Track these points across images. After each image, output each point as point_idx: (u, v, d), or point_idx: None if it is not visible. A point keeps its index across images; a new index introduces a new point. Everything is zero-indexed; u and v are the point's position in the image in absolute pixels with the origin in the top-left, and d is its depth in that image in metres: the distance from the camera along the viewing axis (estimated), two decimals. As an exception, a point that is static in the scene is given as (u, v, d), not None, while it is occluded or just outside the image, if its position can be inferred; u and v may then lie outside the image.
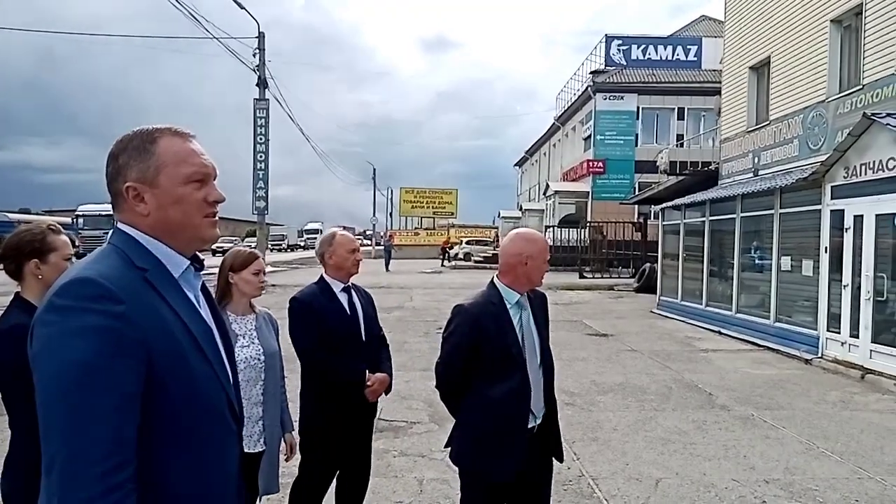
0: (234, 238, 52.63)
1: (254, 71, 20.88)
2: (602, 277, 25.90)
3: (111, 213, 1.51)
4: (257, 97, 21.02)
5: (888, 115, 8.59)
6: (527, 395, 2.69)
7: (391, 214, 62.90)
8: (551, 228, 32.44)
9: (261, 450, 2.94)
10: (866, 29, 10.59)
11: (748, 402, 7.27)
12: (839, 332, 9.47)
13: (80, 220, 34.10)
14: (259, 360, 2.93)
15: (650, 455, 5.45)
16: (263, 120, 20.98)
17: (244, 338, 2.93)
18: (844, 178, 9.50)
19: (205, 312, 1.51)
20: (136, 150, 1.43)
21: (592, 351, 10.34)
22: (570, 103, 38.05)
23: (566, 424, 6.25)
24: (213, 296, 1.64)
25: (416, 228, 57.92)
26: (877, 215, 8.80)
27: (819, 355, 9.75)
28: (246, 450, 2.85)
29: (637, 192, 28.11)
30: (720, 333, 12.63)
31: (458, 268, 35.31)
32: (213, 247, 42.93)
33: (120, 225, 1.44)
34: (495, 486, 2.73)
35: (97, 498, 1.20)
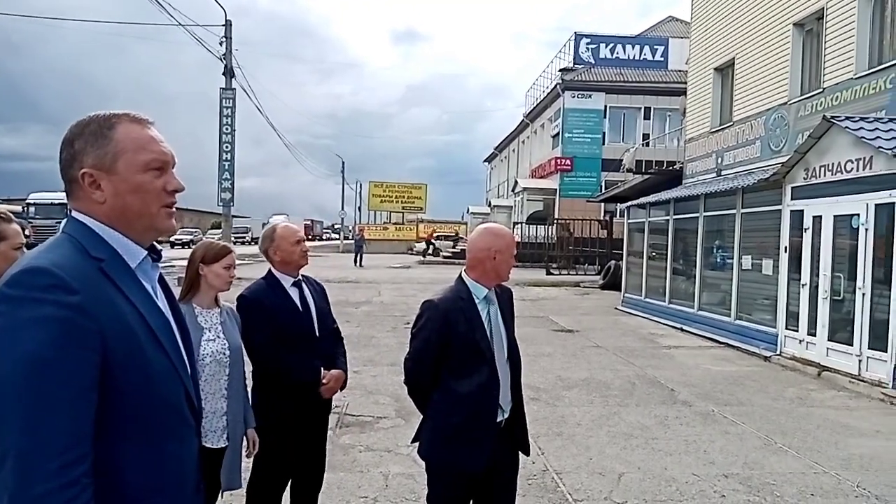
0: (194, 230, 51.18)
1: (220, 60, 20.54)
2: (569, 274, 26.15)
3: (64, 201, 1.47)
4: (223, 86, 20.69)
5: (847, 118, 8.81)
6: (495, 389, 2.70)
7: (360, 208, 62.65)
8: (519, 225, 32.64)
9: (223, 445, 2.89)
10: (827, 33, 10.85)
11: (709, 398, 7.41)
12: (797, 331, 9.70)
13: (32, 209, 32.71)
14: (224, 354, 2.89)
15: (613, 450, 5.52)
16: (230, 110, 20.65)
17: (210, 331, 2.88)
18: (804, 179, 9.72)
19: (162, 304, 1.48)
20: (93, 136, 1.39)
21: (558, 347, 10.43)
22: (539, 100, 38.26)
23: (531, 419, 6.27)
24: (172, 287, 1.60)
25: (384, 223, 57.74)
26: (835, 216, 9.03)
27: (778, 353, 9.98)
28: (209, 445, 2.81)
29: (603, 191, 28.46)
30: (682, 330, 12.85)
31: (425, 263, 35.30)
32: (172, 238, 41.80)
33: (74, 213, 1.40)
34: (463, 480, 2.74)
35: (54, 492, 1.17)
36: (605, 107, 32.99)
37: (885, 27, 9.97)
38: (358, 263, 31.31)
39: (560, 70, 34.80)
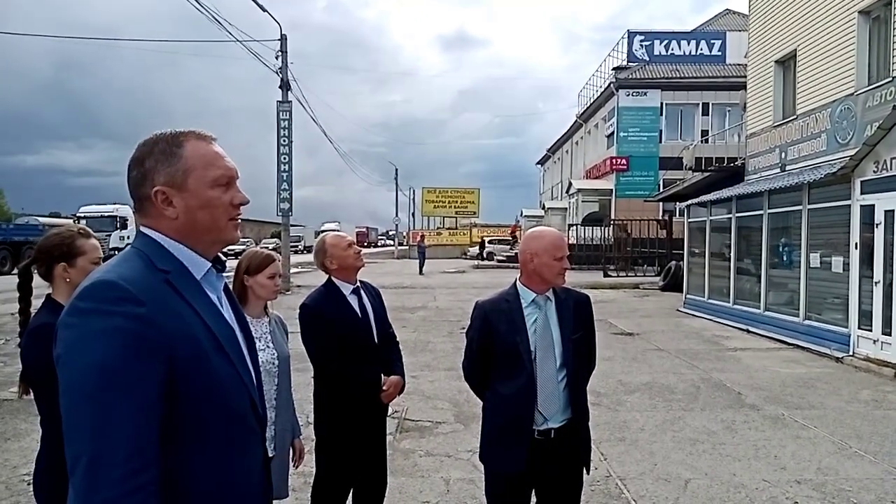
0: (247, 239, 51.50)
1: (276, 73, 21.02)
2: (627, 276, 25.71)
3: (113, 214, 1.52)
4: (280, 99, 21.17)
5: (920, 107, 8.41)
6: (532, 394, 2.67)
7: (413, 214, 63.12)
8: (574, 227, 32.27)
9: (270, 455, 2.89)
10: (895, 20, 10.38)
11: (778, 402, 7.16)
12: (871, 330, 9.29)
13: (82, 222, 34.20)
14: (273, 363, 2.91)
15: (679, 455, 5.39)
16: (286, 122, 21.10)
17: (260, 341, 2.90)
18: (874, 172, 9.32)
19: (227, 314, 1.52)
20: (164, 154, 1.43)
21: (618, 350, 10.26)
22: (592, 100, 37.81)
23: (592, 424, 6.19)
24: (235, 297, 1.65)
25: (438, 228, 57.99)
26: (909, 210, 8.62)
27: (850, 353, 9.57)
28: None
29: (662, 190, 27.82)
30: (748, 332, 12.45)
31: (480, 267, 35.28)
32: (228, 249, 42.23)
33: (142, 228, 1.45)
34: (507, 484, 2.74)
35: (119, 498, 1.21)
36: (662, 104, 32.34)
37: (960, 10, 9.47)
38: (420, 271, 30.00)
39: (614, 69, 34.32)
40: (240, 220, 1.54)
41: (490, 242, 43.47)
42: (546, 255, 2.71)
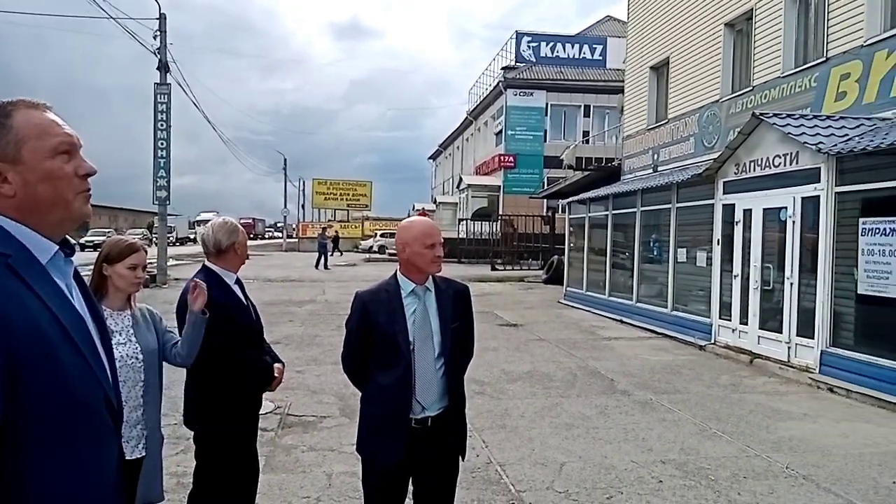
0: (107, 230, 46.94)
1: (154, 54, 19.90)
2: (513, 269, 26.45)
3: None
4: (158, 81, 20.04)
5: (775, 115, 9.16)
6: (409, 383, 2.69)
7: (303, 206, 61.75)
8: (465, 221, 32.80)
9: (140, 455, 2.72)
10: (756, 33, 11.26)
11: (647, 387, 7.61)
12: (730, 320, 10.05)
13: None
14: (137, 358, 2.71)
15: (555, 440, 5.61)
16: (165, 105, 19.99)
17: (120, 335, 2.70)
18: (735, 174, 10.07)
19: (77, 302, 1.40)
20: None
21: (503, 341, 10.53)
22: (482, 98, 38.55)
23: (475, 413, 6.36)
24: (88, 285, 1.52)
25: (329, 220, 57.08)
26: (764, 209, 9.39)
27: (712, 341, 10.32)
28: (125, 456, 2.66)
29: (546, 187, 28.85)
30: (622, 322, 13.15)
31: (372, 261, 35.09)
32: (83, 241, 38.33)
33: None
34: (384, 474, 2.74)
35: None
36: (547, 104, 33.51)
37: (810, 28, 10.41)
38: (322, 266, 27.55)
39: (502, 68, 35.15)
40: (90, 193, 1.42)
41: (382, 236, 43.30)
42: (417, 244, 2.71)
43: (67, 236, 1.42)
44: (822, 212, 8.19)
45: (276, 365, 3.37)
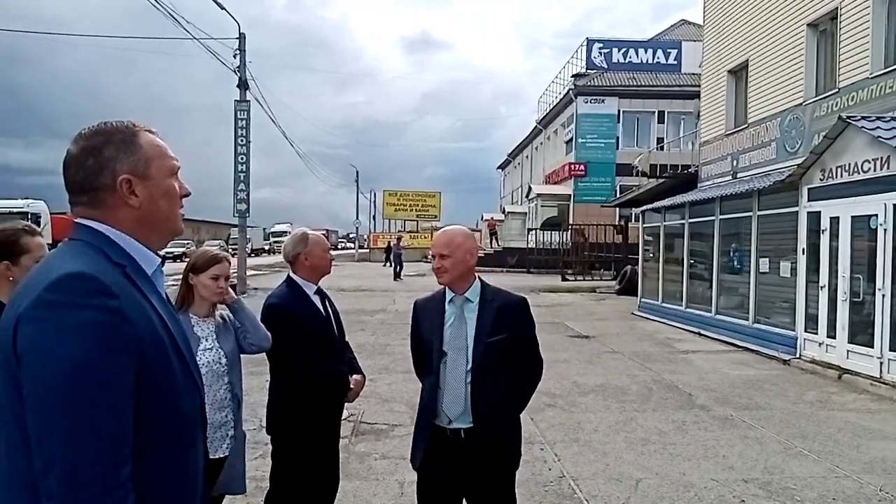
0: (186, 242, 47.50)
1: (234, 72, 20.71)
2: (584, 280, 26.05)
3: (24, 210, 1.45)
4: (238, 99, 20.85)
5: (863, 118, 8.72)
6: (435, 392, 2.72)
7: (374, 217, 62.76)
8: (534, 231, 32.57)
9: (223, 455, 2.84)
10: (842, 33, 10.75)
11: (727, 403, 7.33)
12: (816, 333, 9.58)
13: None
14: (220, 363, 2.84)
15: (630, 455, 5.48)
16: (244, 122, 20.78)
17: (206, 340, 2.84)
18: (821, 180, 9.63)
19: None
20: (124, 143, 1.39)
21: (574, 353, 10.38)
22: (551, 106, 38.26)
23: (547, 426, 6.30)
24: (177, 294, 1.65)
25: (399, 231, 57.81)
26: (852, 217, 8.93)
27: (797, 356, 9.86)
28: (211, 455, 2.75)
29: (618, 195, 28.31)
30: (700, 335, 12.74)
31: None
32: (164, 251, 39.45)
33: (85, 222, 1.38)
34: (430, 481, 2.76)
35: (100, 496, 1.18)
36: (619, 111, 32.92)
37: (901, 26, 9.87)
38: (396, 277, 27.75)
39: (573, 76, 34.79)
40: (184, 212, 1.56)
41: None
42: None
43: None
44: (917, 219, 7.71)
45: (355, 377, 3.42)
